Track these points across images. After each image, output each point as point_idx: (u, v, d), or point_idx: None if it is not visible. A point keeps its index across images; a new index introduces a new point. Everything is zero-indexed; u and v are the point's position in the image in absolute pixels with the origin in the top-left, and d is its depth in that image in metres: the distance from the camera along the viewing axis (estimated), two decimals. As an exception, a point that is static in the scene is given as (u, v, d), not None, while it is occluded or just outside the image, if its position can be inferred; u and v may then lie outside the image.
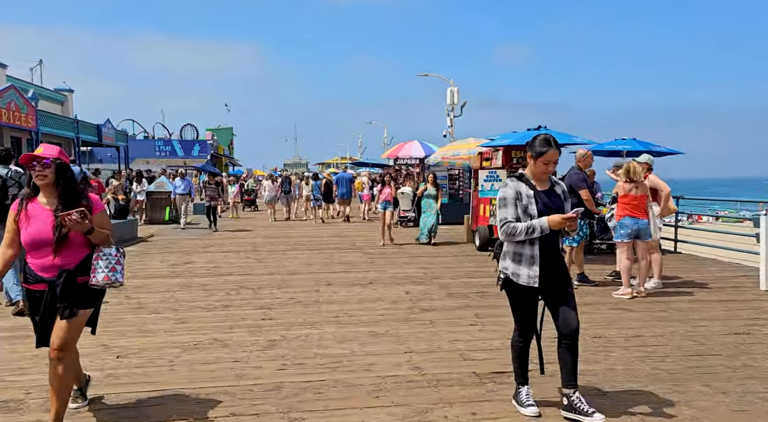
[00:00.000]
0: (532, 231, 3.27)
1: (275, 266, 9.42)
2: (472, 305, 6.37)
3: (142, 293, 7.24)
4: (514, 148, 10.47)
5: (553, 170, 3.44)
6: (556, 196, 3.46)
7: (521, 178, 3.45)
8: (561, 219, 3.24)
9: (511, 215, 3.35)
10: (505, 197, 3.40)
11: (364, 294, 7.11)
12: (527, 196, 3.36)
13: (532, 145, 3.40)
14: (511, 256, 3.44)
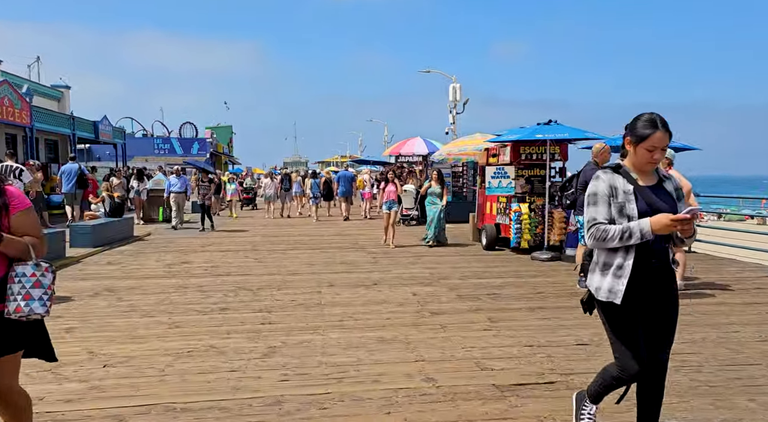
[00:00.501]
0: (628, 235, 2.55)
1: (275, 266, 9.06)
2: (483, 308, 6.00)
3: (135, 295, 6.87)
4: (523, 144, 10.10)
5: (661, 159, 2.66)
6: (665, 193, 2.69)
7: (618, 170, 2.72)
8: (669, 221, 2.48)
9: (601, 215, 2.64)
10: (596, 192, 2.69)
11: (368, 295, 6.74)
12: (624, 191, 2.64)
13: (633, 127, 2.66)
14: (600, 267, 2.71)
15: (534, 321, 5.45)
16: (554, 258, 9.36)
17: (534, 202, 10.15)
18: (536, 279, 7.67)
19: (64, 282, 7.70)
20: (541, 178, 10.46)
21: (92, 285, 7.45)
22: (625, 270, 2.61)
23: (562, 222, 9.82)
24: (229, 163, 50.92)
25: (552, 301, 6.31)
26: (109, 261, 9.69)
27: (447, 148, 11.76)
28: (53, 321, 5.51)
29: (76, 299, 6.62)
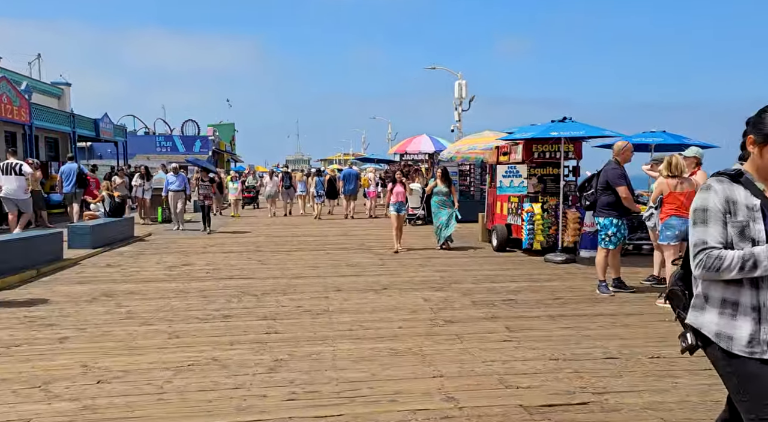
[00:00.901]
0: (752, 265, 1.96)
1: (279, 268, 8.76)
2: (500, 316, 5.68)
3: (134, 300, 6.57)
4: (536, 142, 9.76)
5: None
6: None
7: (738, 179, 2.08)
8: None
9: (714, 238, 2.04)
10: (705, 208, 2.08)
11: (378, 301, 6.43)
12: (748, 207, 2.03)
13: (759, 121, 2.05)
14: (717, 304, 2.10)
15: (556, 330, 5.13)
16: (569, 260, 9.03)
17: (547, 202, 9.82)
18: (552, 284, 7.35)
19: (60, 286, 7.42)
20: (554, 177, 10.13)
21: (90, 290, 7.15)
22: (764, 309, 2.00)
23: (576, 223, 9.49)
24: (232, 160, 50.65)
25: (572, 308, 5.99)
26: (108, 263, 9.40)
27: (456, 145, 11.40)
28: (47, 330, 5.23)
29: (72, 305, 6.33)
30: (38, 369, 4.22)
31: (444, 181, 10.79)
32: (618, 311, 5.82)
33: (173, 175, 14.38)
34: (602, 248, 6.58)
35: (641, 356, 4.33)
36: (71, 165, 15.03)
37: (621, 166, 6.51)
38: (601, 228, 6.57)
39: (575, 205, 9.86)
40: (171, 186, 14.26)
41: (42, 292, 7.04)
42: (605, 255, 6.57)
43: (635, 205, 6.57)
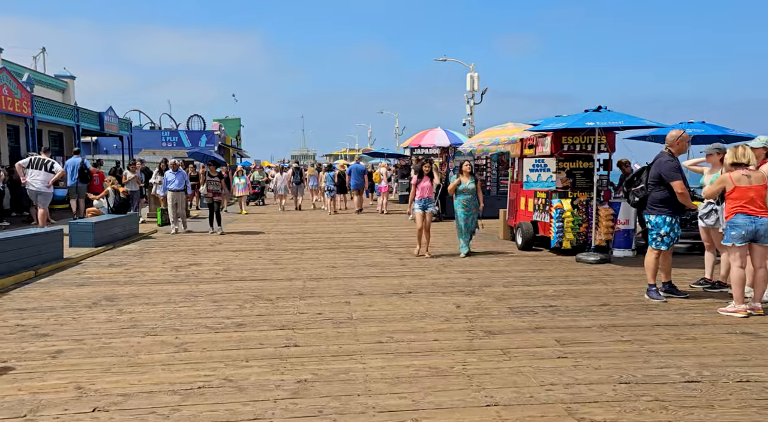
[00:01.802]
0: None
1: (293, 269, 8.18)
2: (546, 326, 5.08)
3: (138, 305, 6.01)
4: (565, 133, 9.12)
5: None
6: None
7: None
8: None
9: None
10: None
11: (405, 307, 5.84)
12: None
13: None
14: None
15: (614, 345, 4.52)
16: (603, 260, 8.40)
17: (577, 198, 9.18)
18: (593, 287, 6.73)
19: (59, 288, 6.87)
20: (583, 171, 9.48)
21: (90, 293, 6.60)
22: None
23: (609, 221, 8.86)
24: (238, 156, 50.15)
25: (624, 317, 5.37)
26: (111, 262, 8.85)
27: (477, 138, 10.73)
28: (40, 342, 4.66)
29: (70, 311, 5.77)
30: (25, 391, 3.65)
31: (470, 177, 9.33)
32: (678, 321, 5.20)
33: (172, 172, 12.82)
34: (653, 249, 5.95)
35: (726, 379, 3.72)
36: (75, 159, 14.59)
37: (675, 158, 5.86)
38: (652, 227, 5.94)
39: (607, 200, 9.23)
40: (170, 185, 12.67)
41: (38, 295, 6.49)
42: (656, 256, 5.94)
43: (691, 201, 5.93)
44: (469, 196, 9.25)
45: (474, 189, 9.31)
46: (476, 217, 9.29)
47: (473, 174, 9.46)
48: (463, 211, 9.26)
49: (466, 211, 9.25)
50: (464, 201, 9.25)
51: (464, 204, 9.25)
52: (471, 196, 9.25)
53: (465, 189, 9.26)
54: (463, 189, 9.27)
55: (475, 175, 9.58)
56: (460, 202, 9.27)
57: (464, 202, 9.25)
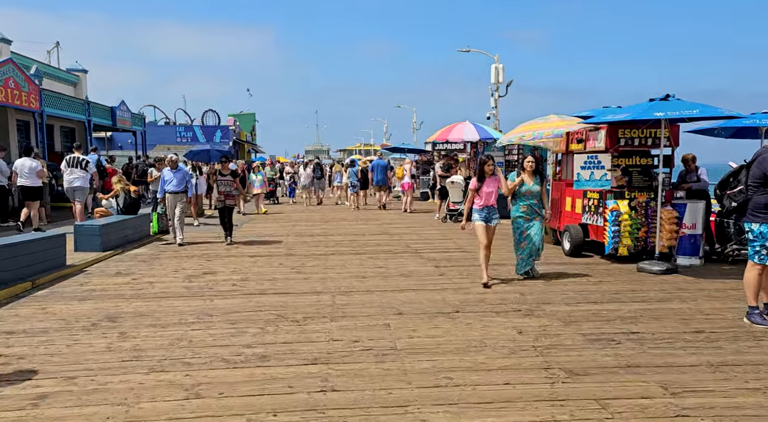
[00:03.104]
0: None
1: (319, 279, 7.30)
2: (640, 363, 4.12)
3: (144, 327, 5.16)
4: (624, 126, 8.10)
5: None
6: None
7: None
8: None
9: None
10: None
11: (457, 333, 4.92)
12: None
13: None
14: None
15: (740, 394, 3.55)
16: (669, 270, 7.40)
17: (635, 199, 8.17)
18: (672, 306, 5.74)
19: (56, 304, 6.06)
20: (641, 168, 8.47)
21: (91, 310, 5.78)
22: None
23: (672, 224, 7.84)
24: (252, 151, 49.57)
25: (732, 350, 4.39)
26: (118, 270, 8.05)
27: (516, 132, 9.76)
28: (23, 382, 3.82)
29: (65, 334, 4.94)
30: (-9, 463, 2.81)
31: (534, 177, 7.26)
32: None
33: (170, 170, 10.55)
34: (755, 264, 4.95)
35: None
36: (91, 156, 14.09)
37: (787, 154, 4.84)
38: (754, 237, 4.93)
39: (670, 201, 8.21)
40: (168, 185, 10.46)
41: (32, 313, 5.68)
42: (759, 273, 4.94)
43: None
44: (532, 200, 7.27)
45: (539, 192, 7.27)
46: (541, 229, 7.33)
47: (539, 172, 7.40)
48: (523, 219, 7.31)
49: (527, 220, 7.29)
50: (525, 207, 7.29)
51: (525, 211, 7.30)
52: (535, 200, 7.28)
53: (528, 192, 7.26)
54: (526, 191, 7.27)
55: (541, 174, 7.50)
56: (520, 208, 7.34)
57: (525, 208, 7.30)
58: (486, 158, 7.05)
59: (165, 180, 10.50)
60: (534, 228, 7.26)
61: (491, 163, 7.03)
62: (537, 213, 7.30)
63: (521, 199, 7.31)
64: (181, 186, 10.56)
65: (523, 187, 7.29)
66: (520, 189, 7.29)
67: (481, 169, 7.00)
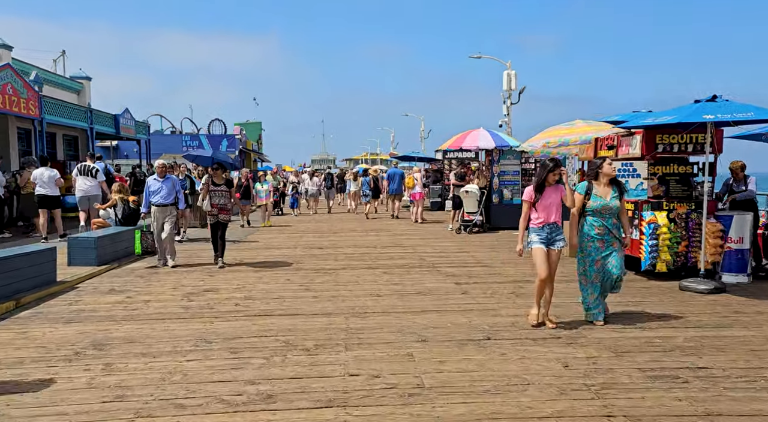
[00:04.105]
0: None
1: (330, 297, 6.66)
2: (721, 411, 3.43)
3: (133, 357, 4.53)
4: (662, 131, 7.45)
5: None
6: None
7: None
8: None
9: None
10: None
11: (492, 366, 4.25)
12: None
13: None
14: None
15: None
16: (718, 289, 6.70)
17: (674, 210, 7.50)
18: (735, 333, 5.05)
19: (39, 327, 5.44)
20: (679, 176, 7.81)
21: (76, 336, 5.15)
22: None
23: (717, 238, 7.16)
24: (259, 160, 49.20)
25: (824, 391, 3.70)
26: (112, 287, 7.44)
27: (540, 138, 9.11)
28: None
29: (43, 367, 4.31)
30: None
31: (611, 188, 5.38)
32: None
33: (156, 178, 8.93)
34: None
35: None
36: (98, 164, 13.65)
37: None
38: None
39: (713, 213, 7.52)
40: (154, 196, 8.81)
41: (9, 340, 5.05)
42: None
43: None
44: (609, 219, 5.30)
45: (618, 208, 5.31)
46: (621, 259, 5.37)
47: (617, 182, 5.48)
48: (596, 244, 5.34)
49: (601, 246, 5.33)
50: (599, 228, 5.31)
51: (599, 233, 5.32)
52: (613, 219, 5.32)
53: (604, 208, 5.27)
54: (601, 208, 5.27)
55: (620, 185, 5.51)
56: (593, 228, 5.34)
57: (599, 229, 5.31)
58: (553, 164, 5.30)
59: (151, 190, 8.84)
60: (612, 259, 5.32)
61: (557, 170, 5.28)
62: (615, 237, 5.34)
63: (594, 217, 5.35)
64: (170, 197, 8.90)
65: (596, 200, 5.31)
66: (592, 203, 5.31)
67: (544, 177, 5.27)
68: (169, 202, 8.88)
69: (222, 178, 8.94)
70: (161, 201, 8.80)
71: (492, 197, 14.30)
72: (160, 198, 8.80)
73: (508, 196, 14.48)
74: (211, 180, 8.91)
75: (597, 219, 5.36)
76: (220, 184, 8.87)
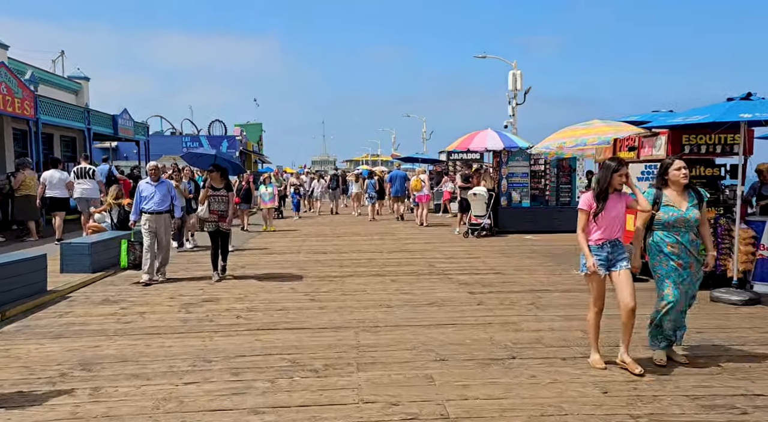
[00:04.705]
0: None
1: (337, 308, 6.24)
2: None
3: (124, 380, 4.11)
4: (689, 131, 7.03)
5: None
6: None
7: None
8: None
9: None
10: None
11: (522, 391, 3.82)
12: None
13: None
14: None
15: None
16: (752, 300, 6.27)
17: (701, 215, 7.05)
18: (781, 351, 4.62)
19: (24, 343, 5.03)
20: (706, 179, 7.37)
21: (63, 353, 4.73)
22: None
23: (748, 245, 6.75)
24: (259, 161, 48.81)
25: None
26: (107, 296, 7.02)
27: (555, 138, 8.66)
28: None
29: (22, 392, 3.89)
30: None
31: (688, 195, 4.32)
32: None
33: (149, 182, 7.99)
34: None
35: None
36: (103, 166, 13.27)
37: None
38: None
39: (743, 218, 7.09)
40: (146, 202, 7.85)
41: (-9, 358, 4.64)
42: None
43: None
44: (686, 234, 4.23)
45: (698, 220, 4.25)
46: (698, 281, 4.40)
47: (694, 189, 4.38)
48: (674, 265, 4.22)
49: (680, 267, 4.22)
50: (674, 246, 4.22)
51: (674, 251, 4.21)
52: (691, 235, 4.25)
53: (680, 220, 4.21)
54: (676, 220, 4.22)
55: (698, 192, 4.37)
56: (666, 244, 4.24)
57: (674, 248, 4.22)
58: (617, 164, 4.16)
59: (142, 196, 7.85)
60: (688, 281, 4.27)
61: (624, 171, 4.15)
62: (695, 256, 4.24)
63: (666, 231, 4.25)
64: (164, 204, 7.91)
65: (669, 211, 4.23)
66: (664, 215, 4.24)
67: (609, 180, 4.13)
68: (164, 208, 7.93)
69: (221, 181, 7.96)
70: (155, 208, 7.82)
71: (500, 200, 13.89)
72: (154, 204, 7.82)
73: (516, 198, 14.07)
74: (208, 184, 7.92)
75: (669, 235, 4.23)
76: (219, 188, 7.91)
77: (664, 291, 4.29)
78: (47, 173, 11.53)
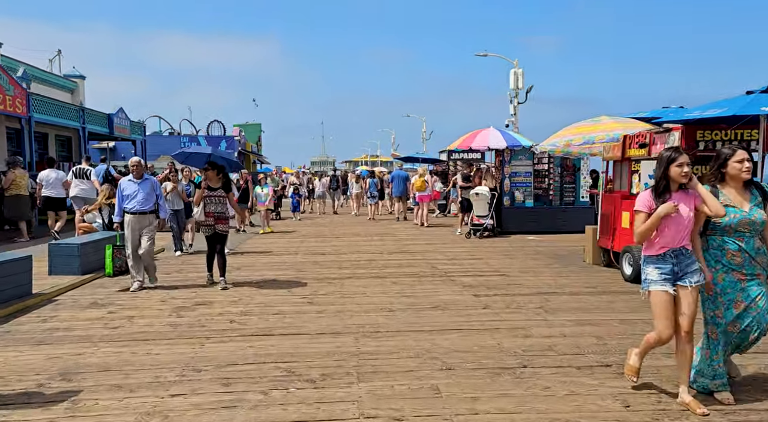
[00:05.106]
0: None
1: (336, 312, 5.94)
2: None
3: (106, 392, 3.80)
4: (704, 127, 6.74)
5: None
6: None
7: None
8: None
9: None
10: None
11: (536, 405, 3.52)
12: None
13: None
14: None
15: None
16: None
17: (716, 215, 6.75)
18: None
19: (4, 350, 4.76)
20: (720, 177, 7.06)
21: (43, 362, 4.42)
22: None
23: (766, 246, 6.41)
24: (258, 162, 48.51)
25: None
26: (95, 299, 6.71)
27: (562, 135, 8.35)
28: None
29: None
30: None
31: (749, 192, 3.54)
32: None
33: (131, 180, 7.35)
34: None
35: None
36: (101, 167, 13.09)
37: None
38: None
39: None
40: (129, 202, 7.23)
41: (-36, 368, 4.33)
42: None
43: None
44: (751, 240, 3.50)
45: (763, 221, 3.48)
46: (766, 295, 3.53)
47: (759, 185, 3.63)
48: (732, 276, 3.53)
49: (741, 279, 3.53)
50: (735, 254, 3.52)
51: (736, 260, 3.52)
52: (757, 240, 3.52)
53: (742, 222, 3.46)
54: (737, 223, 3.46)
55: (764, 189, 3.60)
56: (724, 252, 3.54)
57: (736, 257, 3.52)
58: (672, 152, 3.46)
59: (124, 195, 7.23)
60: (760, 300, 3.49)
61: (685, 160, 3.40)
62: (760, 266, 3.52)
63: (724, 237, 3.52)
64: (148, 204, 7.28)
65: (731, 213, 3.45)
66: (725, 217, 3.44)
67: (666, 173, 3.45)
68: (148, 208, 7.28)
69: (218, 181, 7.46)
70: (138, 207, 7.20)
71: (503, 200, 13.60)
72: (137, 203, 7.19)
73: (519, 198, 13.77)
74: (206, 184, 7.42)
75: (731, 241, 3.50)
76: (216, 188, 7.40)
77: (717, 311, 3.56)
78: (43, 173, 11.50)
